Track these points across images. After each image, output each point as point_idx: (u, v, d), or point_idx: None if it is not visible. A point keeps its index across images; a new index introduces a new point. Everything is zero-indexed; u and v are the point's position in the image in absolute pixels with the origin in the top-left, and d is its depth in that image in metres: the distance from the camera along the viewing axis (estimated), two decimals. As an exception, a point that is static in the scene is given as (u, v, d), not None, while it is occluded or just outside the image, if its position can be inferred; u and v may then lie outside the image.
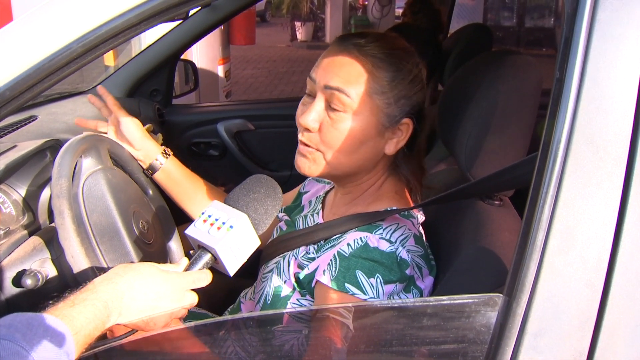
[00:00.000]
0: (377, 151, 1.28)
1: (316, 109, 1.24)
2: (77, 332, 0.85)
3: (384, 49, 1.24)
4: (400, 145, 1.28)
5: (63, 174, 1.25)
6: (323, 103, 1.24)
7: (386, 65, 1.23)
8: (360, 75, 1.21)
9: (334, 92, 1.21)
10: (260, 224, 1.18)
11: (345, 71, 1.22)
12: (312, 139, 1.26)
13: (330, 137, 1.23)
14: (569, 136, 0.83)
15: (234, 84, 7.54)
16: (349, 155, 1.25)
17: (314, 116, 1.24)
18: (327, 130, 1.23)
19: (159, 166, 1.61)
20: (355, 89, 1.21)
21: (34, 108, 2.20)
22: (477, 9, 10.53)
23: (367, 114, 1.22)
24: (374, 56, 1.22)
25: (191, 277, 1.09)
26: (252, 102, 4.91)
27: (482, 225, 1.27)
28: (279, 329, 1.16)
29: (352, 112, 1.22)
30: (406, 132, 1.28)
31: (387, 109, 1.23)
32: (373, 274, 1.16)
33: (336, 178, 1.36)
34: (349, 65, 1.22)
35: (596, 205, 0.83)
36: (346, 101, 1.21)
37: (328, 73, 1.23)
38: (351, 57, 1.23)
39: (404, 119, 1.26)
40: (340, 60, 1.24)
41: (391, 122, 1.25)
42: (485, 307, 0.88)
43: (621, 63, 0.82)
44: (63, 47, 0.98)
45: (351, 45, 1.24)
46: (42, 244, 1.33)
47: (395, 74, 1.24)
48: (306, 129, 1.26)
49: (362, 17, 13.75)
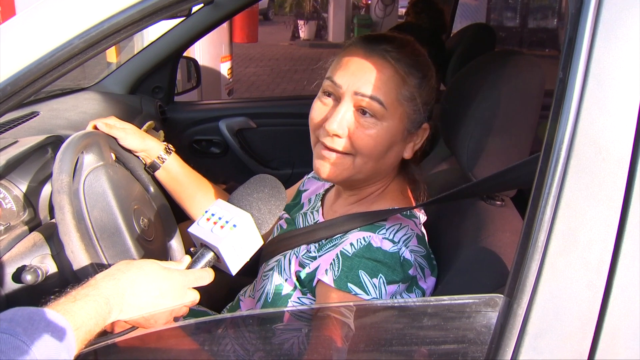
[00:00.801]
0: (399, 155, 1.29)
1: (344, 116, 1.22)
2: (78, 328, 0.85)
3: (412, 55, 1.24)
4: (417, 148, 1.30)
5: (64, 169, 1.24)
6: (351, 108, 1.22)
7: (415, 71, 1.23)
8: (392, 82, 1.21)
9: (365, 99, 1.20)
10: (263, 224, 1.18)
11: (378, 78, 1.20)
12: (341, 144, 1.23)
13: (361, 143, 1.22)
14: (572, 137, 0.82)
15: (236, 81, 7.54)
16: (377, 160, 1.25)
17: (342, 122, 1.22)
18: (358, 136, 1.22)
19: (160, 164, 1.61)
20: (387, 95, 1.20)
21: (36, 104, 2.20)
22: (481, 9, 10.51)
23: (397, 120, 1.22)
24: (404, 62, 1.22)
25: (193, 275, 1.09)
26: (254, 100, 4.91)
27: (483, 226, 1.27)
28: (280, 327, 1.16)
29: (382, 118, 1.21)
30: (422, 136, 1.29)
31: (414, 114, 1.24)
32: (376, 274, 1.16)
33: (354, 183, 1.33)
34: (380, 71, 1.21)
35: (598, 206, 0.83)
36: (378, 108, 1.20)
37: (359, 79, 1.21)
38: (383, 63, 1.21)
39: (424, 124, 1.28)
40: (370, 65, 1.21)
41: (415, 127, 1.27)
42: (486, 308, 0.88)
43: (625, 64, 0.82)
44: (64, 42, 0.98)
45: (381, 50, 1.22)
46: (42, 240, 1.33)
47: (422, 80, 1.24)
48: (335, 135, 1.23)
49: (365, 16, 13.74)
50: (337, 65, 1.26)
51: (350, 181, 1.31)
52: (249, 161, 2.92)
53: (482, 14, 10.52)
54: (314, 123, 1.28)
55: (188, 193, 1.65)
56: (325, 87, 1.26)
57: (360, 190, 1.35)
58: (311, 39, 14.69)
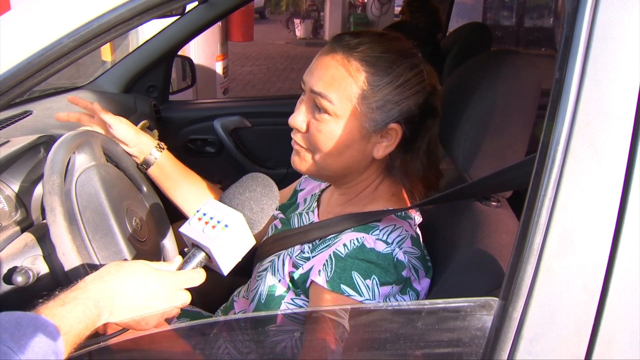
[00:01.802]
0: (364, 154, 1.26)
1: (303, 111, 1.27)
2: (67, 332, 0.84)
3: (373, 52, 1.21)
4: (390, 149, 1.26)
5: (55, 170, 1.23)
6: (310, 105, 1.25)
7: (370, 69, 1.20)
8: (342, 79, 1.20)
9: (317, 97, 1.21)
10: (255, 223, 1.17)
11: (329, 75, 1.21)
12: (301, 139, 1.28)
13: (315, 139, 1.24)
14: (568, 138, 0.81)
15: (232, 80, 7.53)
16: (335, 158, 1.25)
17: (301, 117, 1.26)
18: (312, 132, 1.24)
19: (153, 160, 1.59)
20: (337, 93, 1.20)
21: (29, 103, 2.19)
22: (477, 7, 10.51)
23: (350, 118, 1.21)
24: (360, 59, 1.20)
25: (184, 276, 1.08)
26: (249, 99, 4.91)
27: (479, 227, 1.26)
28: (274, 329, 1.15)
29: (335, 116, 1.21)
30: (395, 137, 1.25)
31: (371, 113, 1.21)
32: (369, 275, 1.15)
33: (328, 178, 1.37)
34: (333, 68, 1.21)
35: (595, 208, 0.82)
36: (328, 106, 1.20)
37: (314, 76, 1.23)
38: (336, 60, 1.21)
39: (392, 124, 1.23)
40: (325, 63, 1.23)
41: (377, 127, 1.23)
42: (481, 311, 0.87)
43: (622, 64, 0.81)
44: (54, 41, 0.96)
45: (339, 47, 1.22)
46: (33, 241, 1.32)
47: (380, 78, 1.20)
48: (295, 129, 1.28)
49: (361, 15, 13.73)
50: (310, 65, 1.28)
51: (323, 177, 1.36)
52: (244, 160, 2.92)
53: (478, 13, 10.52)
54: None
55: (182, 190, 1.64)
56: (301, 85, 1.29)
57: (347, 189, 1.35)
58: (307, 37, 14.69)
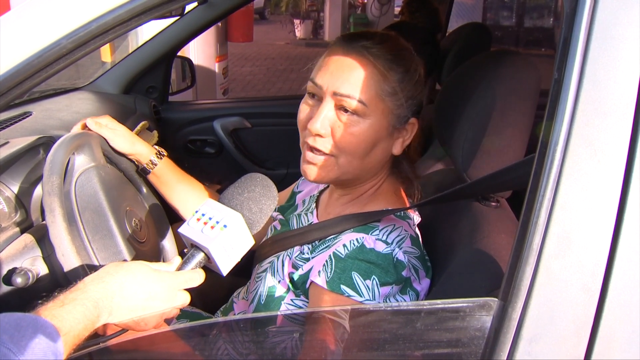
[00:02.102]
0: (387, 152, 1.27)
1: (326, 115, 1.21)
2: (67, 333, 0.84)
3: (392, 50, 1.23)
4: (406, 144, 1.29)
5: (55, 171, 1.23)
6: (333, 107, 1.21)
7: (396, 66, 1.22)
8: (371, 78, 1.19)
9: (344, 99, 1.19)
10: (254, 224, 1.16)
11: (356, 76, 1.19)
12: (324, 144, 1.22)
13: (344, 141, 1.21)
14: (567, 138, 0.82)
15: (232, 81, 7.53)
16: (362, 159, 1.24)
17: (324, 122, 1.21)
18: (340, 135, 1.20)
19: (150, 169, 1.59)
20: (367, 93, 1.19)
21: (29, 104, 2.19)
22: (477, 8, 10.51)
23: (379, 116, 1.21)
24: (384, 58, 1.21)
25: (183, 276, 1.08)
26: (248, 99, 4.91)
27: (478, 227, 1.26)
28: (274, 330, 1.15)
29: (364, 116, 1.20)
30: (411, 131, 1.28)
31: (398, 110, 1.23)
32: (369, 275, 1.15)
33: (344, 182, 1.32)
34: (358, 69, 1.20)
35: (594, 208, 0.82)
36: (358, 106, 1.19)
37: (337, 79, 1.20)
38: (360, 60, 1.20)
39: (411, 119, 1.26)
40: (348, 64, 1.21)
41: (400, 123, 1.25)
42: (480, 311, 0.87)
43: (621, 64, 0.81)
44: (52, 42, 0.96)
45: (359, 48, 1.21)
46: (33, 242, 1.32)
47: (404, 74, 1.23)
48: (317, 135, 1.22)
49: (361, 15, 13.73)
50: (318, 66, 1.26)
51: (339, 181, 1.30)
52: (243, 161, 2.92)
53: (478, 13, 10.52)
54: (301, 125, 1.27)
55: (180, 197, 1.64)
56: (309, 88, 1.26)
57: (352, 190, 1.34)
58: (307, 38, 14.69)
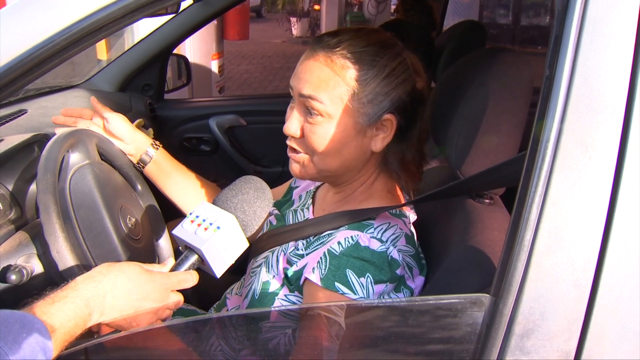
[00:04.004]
0: (362, 150, 1.27)
1: (295, 117, 1.26)
2: (56, 330, 0.84)
3: (354, 48, 1.22)
4: (387, 141, 1.27)
5: (49, 168, 1.23)
6: (302, 110, 1.25)
7: (354, 64, 1.21)
8: (328, 79, 1.20)
9: (307, 100, 1.22)
10: (248, 226, 1.17)
11: (315, 77, 1.21)
12: (298, 144, 1.28)
13: (312, 142, 1.24)
14: (558, 135, 0.82)
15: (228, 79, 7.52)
16: (334, 157, 1.25)
17: (295, 123, 1.26)
18: (308, 136, 1.24)
19: (149, 158, 1.60)
20: (326, 93, 1.20)
21: (24, 102, 2.18)
22: (473, 6, 10.51)
23: (343, 116, 1.21)
24: (342, 56, 1.21)
25: (176, 277, 1.08)
26: (244, 97, 4.90)
27: (472, 224, 1.26)
28: (268, 326, 1.16)
29: (328, 116, 1.21)
30: (391, 128, 1.26)
31: (363, 108, 1.22)
32: (363, 273, 1.15)
33: (328, 179, 1.35)
34: (317, 69, 1.22)
35: (585, 205, 0.83)
36: (320, 107, 1.21)
37: (300, 80, 1.24)
38: (319, 61, 1.22)
39: (385, 115, 1.24)
40: (310, 65, 1.23)
41: (370, 120, 1.23)
42: (472, 308, 0.87)
43: (612, 61, 0.82)
44: (45, 39, 0.96)
45: (320, 48, 1.23)
46: (28, 239, 1.32)
47: (365, 72, 1.21)
48: (291, 136, 1.28)
49: (358, 14, 13.73)
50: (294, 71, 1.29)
51: (322, 177, 1.33)
52: (239, 159, 2.91)
53: (474, 11, 10.52)
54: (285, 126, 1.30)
55: (179, 187, 1.65)
56: (290, 91, 1.29)
57: (343, 187, 1.35)
58: (304, 36, 14.68)
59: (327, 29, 13.39)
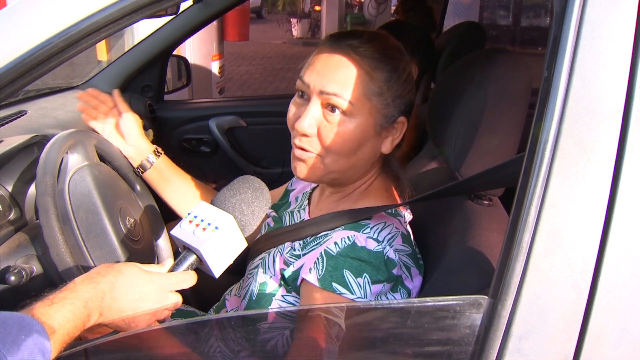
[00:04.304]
0: (374, 151, 1.27)
1: (312, 114, 1.21)
2: (55, 331, 0.84)
3: (380, 49, 1.22)
4: (396, 143, 1.28)
5: (48, 170, 1.23)
6: (319, 107, 1.22)
7: (383, 65, 1.21)
8: (357, 77, 1.19)
9: (331, 97, 1.19)
10: (246, 226, 1.17)
11: (342, 75, 1.19)
12: (310, 143, 1.23)
13: (330, 141, 1.21)
14: (557, 136, 0.82)
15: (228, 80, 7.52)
16: (348, 158, 1.24)
17: (311, 122, 1.21)
18: (326, 134, 1.21)
19: (149, 165, 1.62)
20: (353, 92, 1.19)
21: (24, 103, 2.18)
22: (474, 7, 10.51)
23: (366, 115, 1.21)
24: (370, 57, 1.20)
25: (175, 278, 1.08)
26: (244, 98, 4.90)
27: (470, 225, 1.26)
28: (265, 327, 1.15)
29: (351, 115, 1.20)
30: (401, 130, 1.28)
31: (385, 109, 1.23)
32: (361, 273, 1.15)
33: (333, 181, 1.32)
34: (345, 68, 1.20)
35: (583, 206, 0.83)
36: (344, 105, 1.19)
37: (323, 78, 1.20)
38: (347, 59, 1.20)
39: (400, 118, 1.26)
40: (335, 63, 1.21)
41: (388, 122, 1.25)
42: (470, 309, 0.87)
43: (610, 63, 0.82)
44: (44, 41, 0.96)
45: (346, 47, 1.21)
46: (27, 241, 1.32)
47: (392, 74, 1.22)
48: (303, 134, 1.23)
49: (358, 15, 13.73)
50: (307, 64, 1.26)
51: (327, 179, 1.30)
52: (238, 160, 2.91)
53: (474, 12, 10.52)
54: (289, 124, 1.28)
55: (178, 193, 1.65)
56: (298, 86, 1.26)
57: (342, 188, 1.35)
58: (304, 37, 14.69)
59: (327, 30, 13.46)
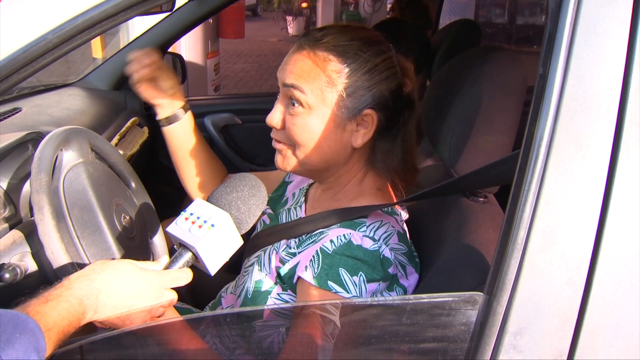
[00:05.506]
0: (342, 144, 1.27)
1: (278, 108, 1.28)
2: (50, 329, 0.84)
3: (338, 41, 1.23)
4: (367, 137, 1.26)
5: (42, 168, 1.23)
6: (284, 101, 1.27)
7: (336, 57, 1.22)
8: (310, 70, 1.22)
9: (290, 89, 1.23)
10: (243, 223, 1.17)
11: (298, 67, 1.23)
12: (279, 135, 1.29)
13: (292, 133, 1.25)
14: (552, 133, 0.82)
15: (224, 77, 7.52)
16: (314, 150, 1.25)
17: (277, 114, 1.27)
18: (289, 127, 1.25)
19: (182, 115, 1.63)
20: (307, 84, 1.21)
21: (19, 100, 2.17)
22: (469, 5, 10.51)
23: (322, 107, 1.22)
24: (325, 49, 1.22)
25: (170, 275, 1.08)
26: (239, 96, 4.90)
27: (466, 223, 1.26)
28: (261, 325, 1.15)
29: (308, 107, 1.22)
30: (371, 124, 1.26)
31: (342, 101, 1.22)
32: (356, 272, 1.15)
33: (311, 173, 1.36)
34: (301, 61, 1.24)
35: (578, 203, 0.83)
36: (301, 97, 1.22)
37: (285, 71, 1.26)
38: (303, 53, 1.24)
39: (366, 110, 1.24)
40: (295, 57, 1.25)
41: (350, 114, 1.24)
42: (466, 306, 0.87)
43: (605, 60, 0.82)
44: (38, 37, 0.96)
45: (305, 42, 1.25)
46: (22, 238, 1.31)
47: (347, 65, 1.22)
48: (273, 127, 1.29)
49: (353, 12, 13.69)
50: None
51: (305, 172, 1.34)
52: (234, 157, 2.91)
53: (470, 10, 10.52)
54: None
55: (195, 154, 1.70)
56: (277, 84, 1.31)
57: (330, 184, 1.35)
58: (300, 35, 14.66)
59: (323, 28, 13.39)
